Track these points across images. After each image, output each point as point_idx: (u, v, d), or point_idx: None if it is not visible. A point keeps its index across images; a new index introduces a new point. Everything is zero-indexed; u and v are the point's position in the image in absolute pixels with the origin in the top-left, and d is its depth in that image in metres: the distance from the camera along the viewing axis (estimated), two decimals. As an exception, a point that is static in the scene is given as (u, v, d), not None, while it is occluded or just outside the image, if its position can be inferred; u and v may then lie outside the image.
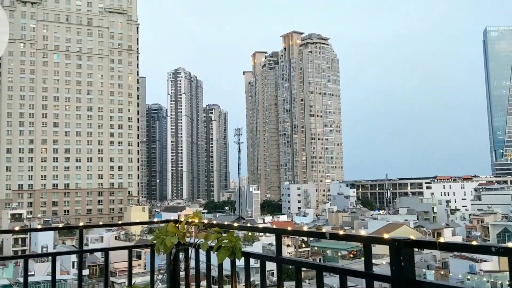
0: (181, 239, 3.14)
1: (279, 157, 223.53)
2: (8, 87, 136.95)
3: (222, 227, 3.05)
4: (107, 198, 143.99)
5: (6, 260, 51.10)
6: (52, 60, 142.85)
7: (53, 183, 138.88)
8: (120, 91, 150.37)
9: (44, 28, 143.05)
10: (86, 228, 3.13)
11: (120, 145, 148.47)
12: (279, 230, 2.74)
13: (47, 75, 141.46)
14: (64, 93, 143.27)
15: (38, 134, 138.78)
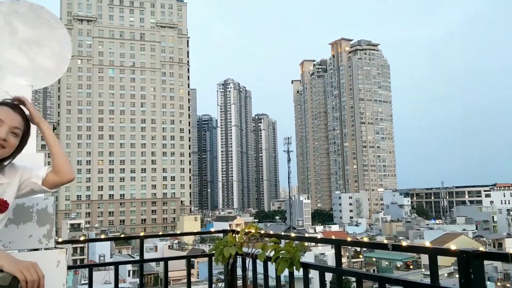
0: (238, 250, 3.16)
1: (329, 165, 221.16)
2: (67, 101, 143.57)
3: (279, 237, 3.03)
4: (160, 207, 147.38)
5: (70, 269, 53.05)
6: (108, 75, 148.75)
7: (109, 194, 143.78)
8: (172, 103, 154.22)
9: (100, 44, 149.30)
10: (146, 238, 3.20)
11: (172, 156, 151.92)
12: (339, 240, 2.69)
13: (102, 90, 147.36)
14: (119, 106, 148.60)
15: (95, 146, 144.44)
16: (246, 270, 3.26)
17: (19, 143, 2.14)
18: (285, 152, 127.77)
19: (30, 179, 2.20)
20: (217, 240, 10.13)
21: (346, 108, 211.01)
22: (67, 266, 2.50)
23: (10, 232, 2.35)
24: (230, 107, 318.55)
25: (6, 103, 2.15)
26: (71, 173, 2.21)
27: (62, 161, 2.21)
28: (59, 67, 3.71)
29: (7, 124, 2.06)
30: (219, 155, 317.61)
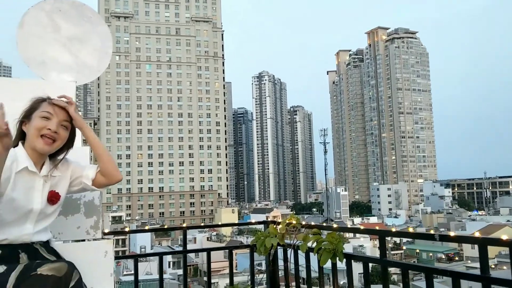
0: (280, 241, 3.16)
1: (367, 157, 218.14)
2: (106, 97, 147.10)
3: (320, 228, 3.02)
4: (198, 200, 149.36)
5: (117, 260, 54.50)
6: (145, 70, 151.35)
7: (148, 187, 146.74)
8: (208, 97, 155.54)
9: (137, 40, 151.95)
10: (188, 229, 3.25)
11: (209, 149, 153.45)
12: (383, 231, 2.63)
13: (140, 85, 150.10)
14: (157, 101, 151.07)
15: (134, 140, 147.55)
16: (287, 261, 3.26)
17: (69, 138, 2.22)
18: (321, 144, 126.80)
19: (81, 178, 2.26)
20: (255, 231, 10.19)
21: (383, 98, 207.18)
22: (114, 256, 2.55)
23: (59, 224, 2.40)
24: (265, 99, 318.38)
25: (52, 99, 2.22)
26: (118, 174, 2.26)
27: (108, 163, 2.24)
28: (101, 63, 3.79)
29: (57, 118, 2.14)
30: (255, 148, 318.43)
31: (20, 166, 2.07)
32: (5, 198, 2.00)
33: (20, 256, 2.00)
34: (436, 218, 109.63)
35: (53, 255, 2.12)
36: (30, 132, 2.11)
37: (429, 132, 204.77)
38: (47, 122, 2.11)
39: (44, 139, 2.08)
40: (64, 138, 2.18)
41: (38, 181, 2.14)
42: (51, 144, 2.11)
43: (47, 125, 2.10)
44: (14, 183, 2.04)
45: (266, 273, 3.44)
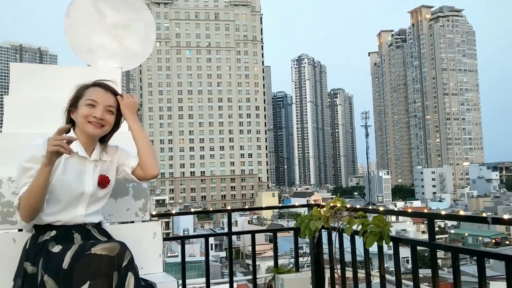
0: (324, 223, 3.15)
1: (410, 140, 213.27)
2: (148, 83, 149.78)
3: (366, 211, 2.98)
4: (239, 184, 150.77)
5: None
6: (185, 56, 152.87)
7: (190, 171, 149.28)
8: (247, 81, 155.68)
9: (176, 26, 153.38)
10: (233, 212, 3.29)
11: (249, 133, 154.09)
12: (432, 214, 2.58)
13: (181, 71, 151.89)
14: (197, 86, 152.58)
15: (175, 126, 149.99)
16: (332, 244, 3.25)
17: (116, 121, 2.27)
18: (362, 127, 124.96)
19: (123, 166, 2.30)
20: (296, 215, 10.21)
21: (427, 79, 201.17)
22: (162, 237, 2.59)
23: (110, 206, 2.47)
24: (305, 83, 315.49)
25: (99, 83, 2.26)
26: (154, 170, 2.26)
27: (147, 156, 2.26)
28: (145, 48, 3.86)
29: (102, 104, 2.19)
30: (295, 132, 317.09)
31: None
32: (57, 182, 2.09)
33: (74, 237, 2.10)
34: (482, 202, 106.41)
35: (104, 236, 2.21)
36: (78, 120, 2.18)
37: (475, 113, 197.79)
38: (93, 109, 2.16)
39: (93, 124, 2.16)
40: (111, 123, 2.23)
41: (89, 166, 2.21)
42: (101, 128, 2.18)
43: (93, 113, 2.16)
44: (64, 168, 2.12)
45: (310, 255, 3.45)
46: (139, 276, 1.94)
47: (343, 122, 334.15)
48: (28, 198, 1.98)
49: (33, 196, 1.97)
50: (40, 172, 1.97)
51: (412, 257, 2.62)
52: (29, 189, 1.99)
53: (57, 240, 2.04)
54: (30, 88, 2.98)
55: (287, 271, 3.38)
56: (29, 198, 1.98)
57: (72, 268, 1.85)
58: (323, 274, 3.42)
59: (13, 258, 2.15)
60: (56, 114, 2.46)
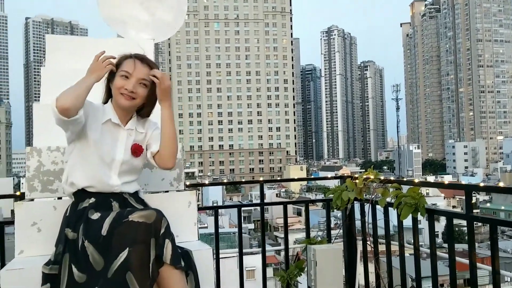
0: (357, 195, 3.13)
1: (442, 113, 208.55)
2: (176, 57, 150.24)
3: (401, 183, 2.94)
4: (267, 157, 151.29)
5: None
6: (213, 29, 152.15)
7: (219, 144, 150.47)
8: (276, 54, 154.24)
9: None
10: (265, 183, 3.30)
11: (277, 107, 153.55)
12: (470, 186, 2.53)
13: (209, 44, 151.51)
14: (225, 59, 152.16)
15: (204, 99, 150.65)
16: (364, 215, 3.24)
17: (151, 96, 2.26)
18: (393, 100, 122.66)
19: (148, 146, 2.31)
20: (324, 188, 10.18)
21: (461, 50, 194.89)
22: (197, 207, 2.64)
23: (145, 176, 2.52)
24: (334, 55, 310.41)
25: (136, 56, 2.26)
26: (169, 162, 2.25)
27: (167, 149, 2.24)
28: (177, 20, 3.85)
29: (135, 77, 2.19)
30: (323, 105, 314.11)
31: (105, 118, 2.20)
32: (91, 145, 2.15)
33: (113, 205, 2.15)
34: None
35: (141, 205, 2.25)
36: (113, 90, 2.23)
37: (511, 86, 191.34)
38: (125, 81, 2.18)
39: (124, 96, 2.17)
40: (143, 96, 2.22)
41: (122, 134, 2.24)
42: (131, 100, 2.19)
43: (125, 84, 2.17)
44: (101, 133, 2.18)
45: (342, 227, 3.45)
46: (175, 243, 1.97)
47: (373, 95, 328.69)
48: (69, 90, 2.03)
49: (74, 90, 2.03)
50: (86, 80, 2.07)
51: (447, 230, 2.57)
52: (71, 86, 2.06)
53: (96, 208, 2.10)
54: (65, 60, 3.03)
55: (319, 242, 3.39)
56: (70, 90, 2.03)
57: (110, 235, 1.90)
58: (355, 246, 3.42)
59: (54, 224, 2.23)
60: None
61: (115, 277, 1.82)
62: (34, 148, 2.50)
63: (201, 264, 2.16)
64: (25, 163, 2.42)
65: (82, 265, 1.93)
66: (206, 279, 2.21)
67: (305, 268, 3.35)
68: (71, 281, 1.95)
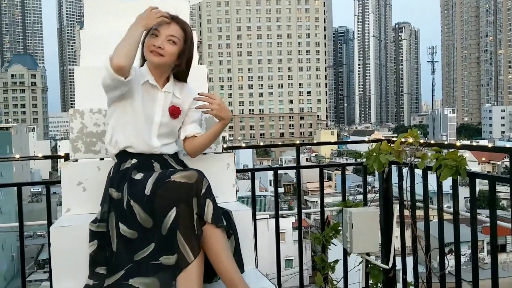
0: (396, 158, 3.08)
1: (479, 76, 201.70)
2: (207, 20, 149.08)
3: (441, 146, 2.87)
4: (297, 122, 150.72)
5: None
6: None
7: (249, 109, 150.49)
8: (307, 16, 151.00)
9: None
10: (301, 146, 3.30)
11: (308, 71, 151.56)
12: (514, 149, 2.50)
13: (239, 6, 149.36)
14: (256, 22, 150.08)
15: (234, 63, 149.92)
16: (402, 179, 3.20)
17: (182, 55, 2.27)
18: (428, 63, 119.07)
19: (183, 124, 2.36)
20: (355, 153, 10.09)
21: (502, 10, 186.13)
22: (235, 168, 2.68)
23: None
24: (368, 16, 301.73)
25: (173, 17, 2.27)
26: (196, 155, 2.38)
27: (201, 149, 2.36)
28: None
29: (163, 34, 2.21)
30: (356, 68, 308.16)
31: (143, 80, 2.24)
32: (131, 106, 2.20)
33: (154, 165, 2.20)
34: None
35: (181, 166, 2.30)
36: (144, 49, 2.25)
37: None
38: (155, 39, 2.20)
39: (153, 53, 2.19)
40: (172, 53, 2.22)
41: (160, 95, 2.28)
42: (160, 57, 2.20)
43: (154, 42, 2.20)
44: (138, 94, 2.22)
45: (379, 190, 3.43)
46: (217, 203, 2.01)
47: (407, 58, 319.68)
48: (120, 47, 2.07)
49: (124, 46, 2.07)
50: (134, 33, 2.12)
51: (490, 193, 2.53)
52: (119, 43, 2.09)
53: (138, 168, 2.16)
54: (103, 23, 3.04)
55: (354, 205, 3.39)
56: (121, 47, 2.07)
57: (154, 194, 1.94)
58: (391, 210, 3.40)
59: (98, 184, 2.31)
60: None
61: (168, 235, 1.89)
62: (77, 110, 2.56)
63: (241, 224, 2.19)
64: (61, 126, 2.45)
65: (130, 223, 2.01)
66: (245, 239, 2.24)
67: (340, 231, 3.37)
68: (121, 238, 2.03)
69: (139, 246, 1.97)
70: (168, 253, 1.89)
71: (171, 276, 1.88)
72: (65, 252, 2.19)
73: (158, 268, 1.91)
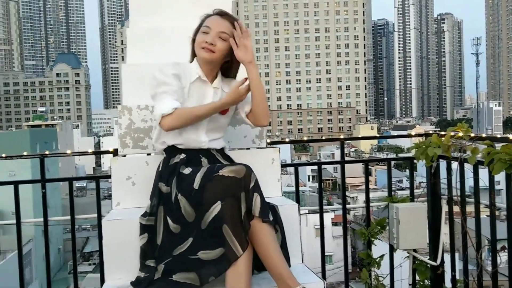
0: (445, 152, 2.99)
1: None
2: (244, 16, 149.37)
3: (493, 140, 2.76)
4: (336, 117, 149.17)
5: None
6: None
7: (287, 104, 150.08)
8: (346, 9, 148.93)
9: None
10: (346, 140, 3.25)
11: (347, 65, 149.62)
12: None
13: (276, 1, 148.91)
14: (293, 16, 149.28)
15: (272, 58, 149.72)
16: (451, 174, 3.10)
17: (231, 52, 2.27)
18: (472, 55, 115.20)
19: (239, 108, 2.37)
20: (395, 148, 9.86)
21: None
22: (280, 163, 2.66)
23: (229, 133, 2.59)
24: (409, 8, 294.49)
25: (216, 11, 2.31)
26: (264, 120, 2.35)
27: (259, 106, 2.31)
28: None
29: (214, 30, 2.23)
30: (396, 62, 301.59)
31: (194, 77, 2.28)
32: (181, 104, 2.21)
33: (202, 160, 2.24)
34: None
35: (227, 161, 2.34)
36: (195, 46, 2.28)
37: None
38: (206, 36, 2.23)
39: (205, 49, 2.22)
40: (223, 49, 2.25)
41: (209, 91, 2.31)
42: (211, 53, 2.22)
43: (205, 38, 2.22)
44: (189, 93, 2.26)
45: (426, 185, 3.33)
46: (264, 197, 2.01)
47: (450, 50, 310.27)
48: (188, 116, 2.16)
49: (190, 117, 2.17)
50: (210, 109, 2.19)
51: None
52: (192, 109, 2.18)
53: (187, 163, 2.19)
54: (148, 19, 3.08)
55: (401, 200, 3.32)
56: (189, 117, 2.16)
57: (202, 188, 1.97)
58: (439, 206, 3.30)
59: (147, 179, 2.34)
60: (170, 43, 2.65)
61: (210, 229, 1.91)
62: (125, 107, 2.60)
63: (287, 219, 2.19)
64: (104, 123, 2.46)
65: (175, 216, 2.04)
66: (292, 234, 2.24)
67: (386, 226, 3.30)
68: (166, 232, 2.07)
69: (179, 240, 2.00)
70: (208, 247, 1.91)
71: (212, 271, 1.90)
72: (117, 245, 2.21)
73: (198, 263, 1.92)
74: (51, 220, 3.34)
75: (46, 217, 3.10)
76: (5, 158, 3.11)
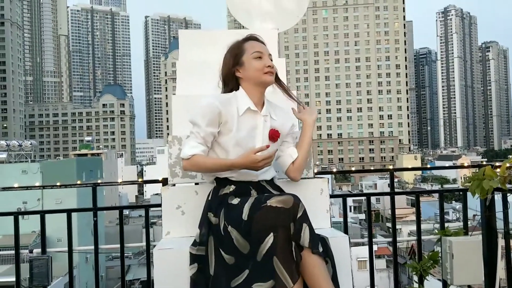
0: (501, 184, 2.87)
1: None
2: (285, 46, 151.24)
3: (553, 171, 2.64)
4: (378, 146, 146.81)
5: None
6: (321, 16, 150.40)
7: (327, 133, 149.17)
8: (387, 39, 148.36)
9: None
10: (396, 171, 3.19)
11: (388, 94, 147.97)
12: None
13: (317, 32, 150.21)
14: (333, 47, 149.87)
15: (312, 88, 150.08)
16: (507, 207, 2.98)
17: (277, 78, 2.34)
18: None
19: (286, 148, 2.36)
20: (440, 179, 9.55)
21: None
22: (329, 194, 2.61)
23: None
24: (452, 36, 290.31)
25: (252, 37, 2.31)
26: (298, 176, 2.38)
27: (302, 162, 2.35)
28: (300, 7, 3.86)
29: (266, 54, 2.24)
30: (440, 90, 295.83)
31: (244, 108, 2.22)
32: (230, 139, 2.19)
33: (251, 192, 2.19)
34: None
35: (277, 191, 2.27)
36: (251, 74, 2.23)
37: None
38: (262, 60, 2.22)
39: (268, 73, 2.22)
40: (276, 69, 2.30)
41: (260, 120, 2.24)
42: (273, 76, 2.25)
43: (265, 63, 2.22)
44: (238, 125, 2.19)
45: (481, 219, 3.21)
46: (313, 228, 1.96)
47: (496, 78, 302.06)
48: (197, 166, 2.21)
49: (201, 168, 2.22)
50: (221, 165, 2.18)
51: None
52: (204, 161, 2.18)
53: (236, 195, 2.16)
54: (197, 53, 3.18)
55: (454, 234, 3.19)
56: (198, 167, 2.22)
57: (251, 219, 1.93)
58: (495, 240, 3.16)
59: (196, 208, 2.36)
60: (217, 75, 2.65)
61: (264, 261, 1.86)
62: (175, 137, 2.63)
63: (337, 251, 2.14)
64: (147, 152, 2.44)
65: (227, 248, 2.00)
66: (342, 266, 2.18)
67: (439, 261, 3.18)
68: (220, 262, 2.03)
69: (235, 272, 1.95)
70: (262, 279, 1.86)
71: None
72: (167, 274, 2.21)
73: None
74: (101, 248, 3.42)
75: (97, 245, 3.17)
76: (60, 186, 3.22)
